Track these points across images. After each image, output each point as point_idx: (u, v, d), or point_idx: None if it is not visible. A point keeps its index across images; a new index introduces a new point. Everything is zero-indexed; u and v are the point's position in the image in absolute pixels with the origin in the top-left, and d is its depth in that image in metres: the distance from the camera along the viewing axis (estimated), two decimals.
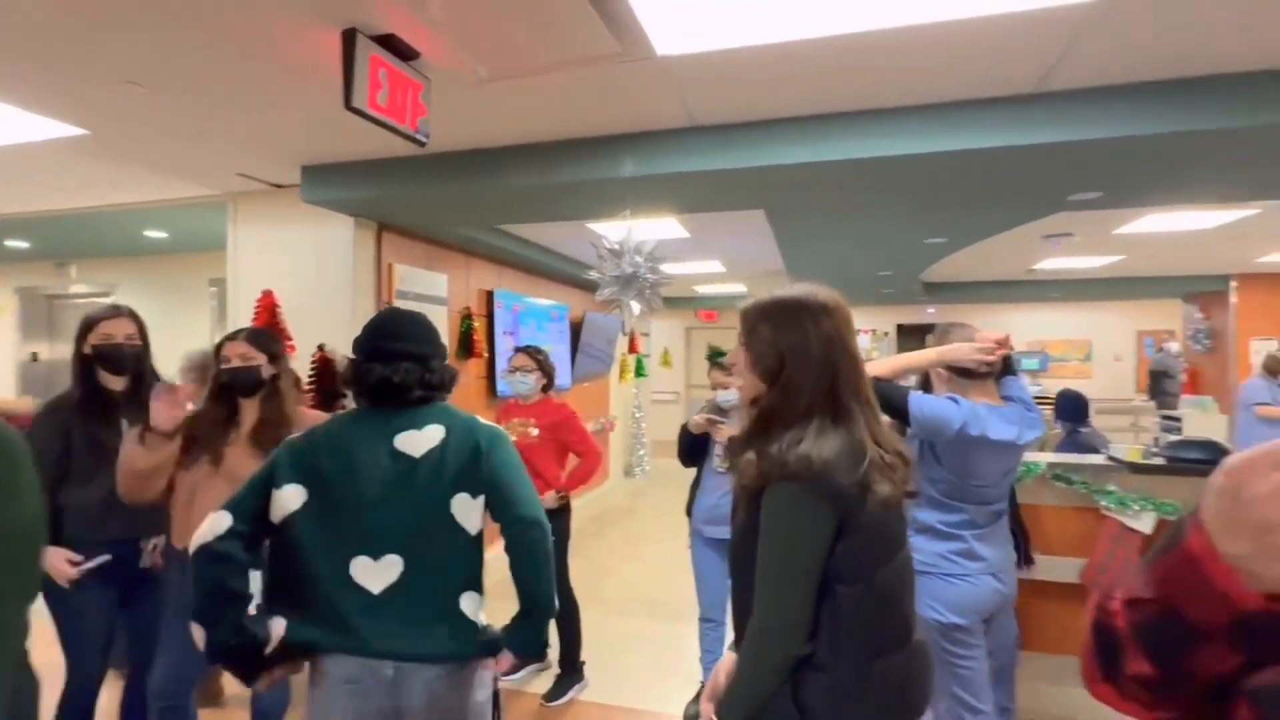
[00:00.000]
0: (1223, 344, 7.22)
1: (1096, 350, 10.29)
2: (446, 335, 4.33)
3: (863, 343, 10.47)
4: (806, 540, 1.07)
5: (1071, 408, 3.79)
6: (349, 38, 1.80)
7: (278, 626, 1.30)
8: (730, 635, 1.29)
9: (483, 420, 1.48)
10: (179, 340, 3.54)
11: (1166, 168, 2.65)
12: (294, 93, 2.32)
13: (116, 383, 2.02)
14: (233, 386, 1.93)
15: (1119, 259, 6.01)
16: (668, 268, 6.27)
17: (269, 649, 1.29)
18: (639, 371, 8.28)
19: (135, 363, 2.03)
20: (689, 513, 2.75)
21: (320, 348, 3.44)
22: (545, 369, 3.06)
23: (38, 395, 3.10)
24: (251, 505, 1.34)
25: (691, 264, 6.22)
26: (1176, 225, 4.62)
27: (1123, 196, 3.10)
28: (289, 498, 1.33)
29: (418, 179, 3.03)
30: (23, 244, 5.30)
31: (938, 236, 4.13)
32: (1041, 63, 2.10)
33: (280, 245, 3.68)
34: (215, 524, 1.30)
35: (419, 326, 1.50)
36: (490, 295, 4.83)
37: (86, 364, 1.98)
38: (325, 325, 3.50)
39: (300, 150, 3.03)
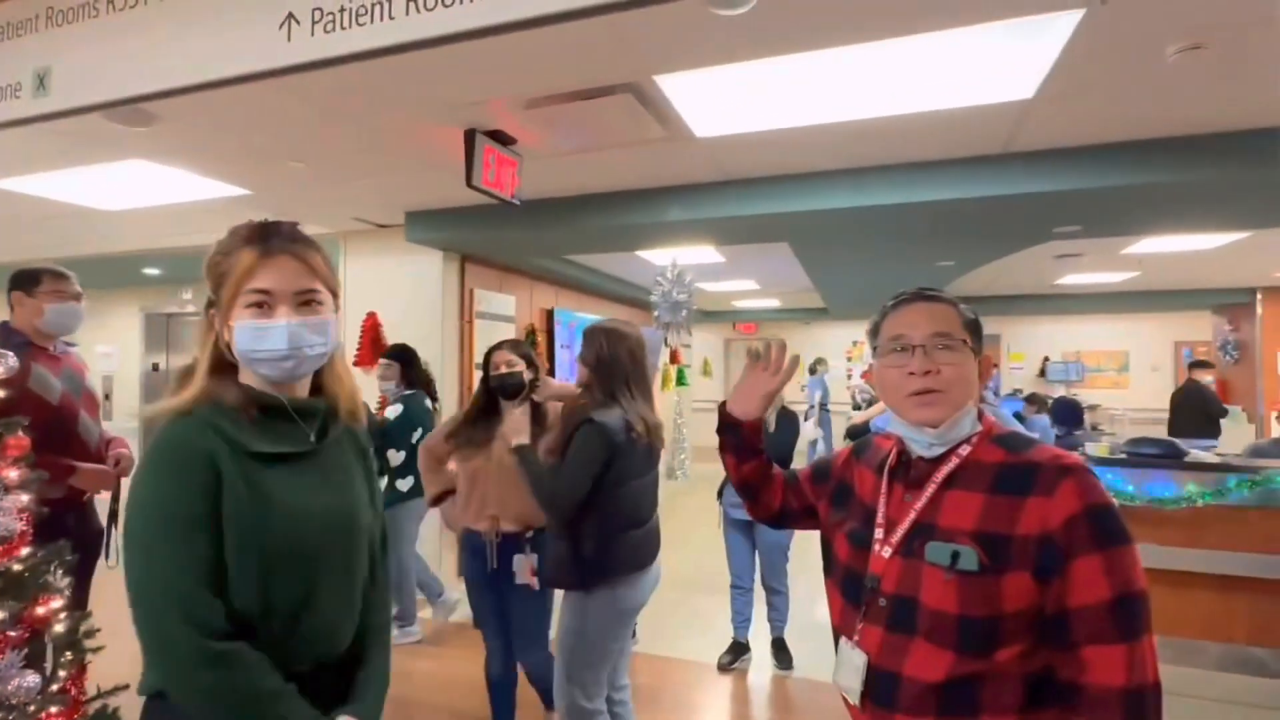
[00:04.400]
0: (1250, 355, 7.41)
1: (1133, 361, 10.41)
2: None
3: None
4: (592, 460, 1.88)
5: (1067, 413, 4.24)
6: (470, 135, 2.47)
7: None
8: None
9: None
10: None
11: (1127, 210, 3.14)
12: (410, 164, 3.02)
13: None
14: (502, 391, 2.28)
15: (1135, 275, 6.34)
16: (705, 286, 6.85)
17: None
18: (680, 381, 8.85)
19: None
20: (720, 496, 3.33)
21: None
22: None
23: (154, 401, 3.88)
24: None
25: (727, 282, 6.79)
26: (1178, 246, 4.98)
27: (1100, 229, 3.58)
28: None
29: (501, 223, 3.72)
30: (155, 271, 6.23)
31: (945, 260, 4.62)
32: (1000, 135, 2.64)
33: (381, 274, 4.41)
34: None
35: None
36: (550, 313, 5.51)
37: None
38: (418, 340, 4.19)
39: (406, 200, 3.75)
